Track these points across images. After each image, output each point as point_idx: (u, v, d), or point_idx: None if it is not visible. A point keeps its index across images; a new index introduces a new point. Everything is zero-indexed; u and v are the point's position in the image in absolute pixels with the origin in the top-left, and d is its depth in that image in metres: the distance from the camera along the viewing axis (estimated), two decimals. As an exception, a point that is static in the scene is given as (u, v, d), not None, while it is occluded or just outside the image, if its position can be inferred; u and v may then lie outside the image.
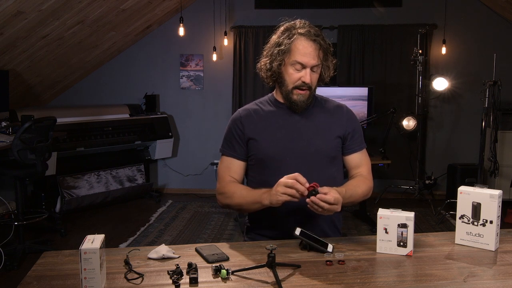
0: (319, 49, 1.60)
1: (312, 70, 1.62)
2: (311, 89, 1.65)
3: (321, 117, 1.72)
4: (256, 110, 1.75)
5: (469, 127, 5.30)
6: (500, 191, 1.48)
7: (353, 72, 5.36)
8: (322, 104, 1.76)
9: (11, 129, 3.98)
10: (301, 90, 1.63)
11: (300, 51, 1.59)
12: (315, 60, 1.60)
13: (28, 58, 4.21)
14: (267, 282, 1.25)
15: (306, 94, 1.64)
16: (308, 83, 1.61)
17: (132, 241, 4.01)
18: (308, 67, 1.60)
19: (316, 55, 1.59)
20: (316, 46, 1.59)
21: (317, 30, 1.63)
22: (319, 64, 1.62)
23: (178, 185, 5.77)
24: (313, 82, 1.64)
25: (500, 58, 4.47)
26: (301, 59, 1.59)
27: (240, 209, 1.69)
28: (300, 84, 1.62)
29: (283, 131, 1.68)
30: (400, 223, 1.45)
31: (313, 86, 1.65)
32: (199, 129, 5.71)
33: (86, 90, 5.67)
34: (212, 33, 5.45)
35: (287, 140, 1.67)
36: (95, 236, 1.23)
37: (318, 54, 1.60)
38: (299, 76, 1.62)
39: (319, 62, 1.61)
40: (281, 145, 1.67)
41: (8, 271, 3.30)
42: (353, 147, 1.75)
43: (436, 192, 5.36)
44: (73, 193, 4.66)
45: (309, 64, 1.60)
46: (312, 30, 1.61)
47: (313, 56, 1.59)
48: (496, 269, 1.34)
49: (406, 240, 1.43)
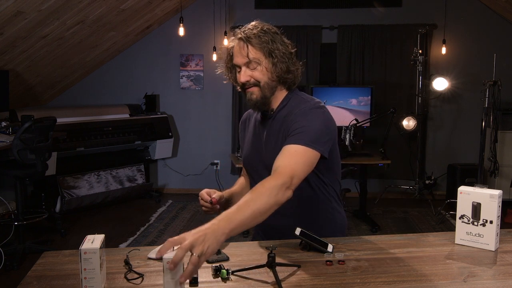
0: (248, 44, 1.56)
1: (248, 67, 1.58)
2: (259, 85, 1.59)
3: (277, 124, 1.62)
4: (251, 114, 1.78)
5: (469, 127, 5.31)
6: (500, 191, 1.48)
7: (353, 72, 5.36)
8: (288, 108, 1.62)
9: (11, 129, 3.98)
10: (248, 88, 1.60)
11: (234, 53, 1.60)
12: (244, 57, 1.57)
13: (28, 58, 4.21)
14: (267, 282, 1.25)
15: (255, 91, 1.59)
16: (244, 81, 1.58)
17: (132, 241, 4.01)
18: (242, 66, 1.58)
19: (244, 52, 1.56)
20: (242, 44, 1.57)
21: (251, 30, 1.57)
22: (251, 61, 1.56)
23: (178, 185, 5.77)
24: (256, 78, 1.58)
25: (500, 58, 4.47)
26: (235, 61, 1.60)
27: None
28: (241, 84, 1.61)
29: (253, 139, 1.70)
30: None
31: (261, 81, 1.58)
32: (199, 129, 5.71)
33: (86, 90, 5.67)
34: (212, 33, 5.45)
35: (255, 149, 1.69)
36: (95, 236, 1.23)
37: (246, 50, 1.56)
38: (239, 77, 1.61)
39: (247, 59, 1.56)
40: (251, 155, 1.70)
41: (8, 271, 3.30)
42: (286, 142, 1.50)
43: (436, 192, 5.36)
44: (73, 193, 4.66)
45: (240, 63, 1.58)
46: (245, 30, 1.58)
47: (241, 54, 1.57)
48: (496, 269, 1.34)
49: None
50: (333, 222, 1.69)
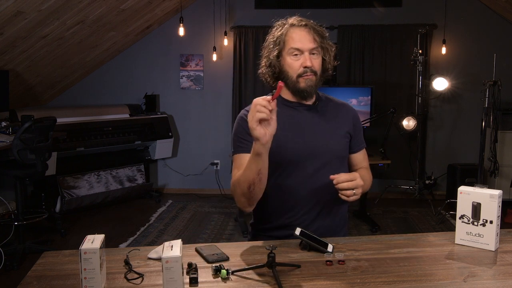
0: (313, 33, 1.58)
1: (311, 54, 1.58)
2: (317, 74, 1.60)
3: (330, 115, 1.69)
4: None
5: (469, 127, 5.30)
6: (500, 191, 1.48)
7: (353, 72, 5.36)
8: (326, 101, 1.73)
9: (11, 129, 3.98)
10: (307, 76, 1.58)
11: (294, 38, 1.57)
12: (312, 43, 1.57)
13: (28, 58, 4.21)
14: (267, 282, 1.25)
15: (313, 79, 1.59)
16: (310, 66, 1.57)
17: (132, 241, 4.01)
18: (306, 51, 1.57)
19: (311, 39, 1.57)
20: (309, 30, 1.58)
21: (308, 20, 1.62)
22: (317, 47, 1.58)
23: (178, 185, 5.77)
24: (316, 67, 1.59)
25: (500, 58, 4.47)
26: (297, 45, 1.57)
27: (251, 186, 1.46)
28: (302, 71, 1.58)
29: (294, 131, 1.63)
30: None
31: (317, 71, 1.60)
32: (199, 129, 5.71)
33: (86, 90, 5.67)
34: (212, 33, 5.45)
35: (300, 140, 1.62)
36: (95, 236, 1.23)
37: (313, 37, 1.57)
38: (299, 64, 1.57)
39: (316, 45, 1.57)
40: (294, 146, 1.61)
41: (8, 271, 3.30)
42: (358, 145, 1.76)
43: (436, 192, 5.36)
44: (73, 193, 4.66)
45: (306, 48, 1.57)
46: (303, 19, 1.61)
47: (308, 39, 1.57)
48: (496, 269, 1.34)
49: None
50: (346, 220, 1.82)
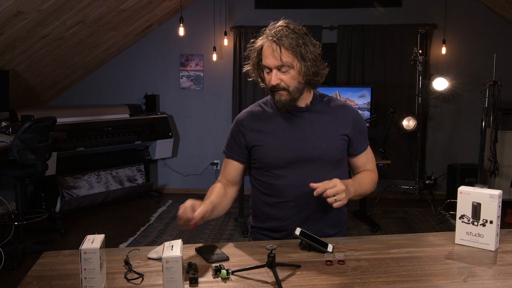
0: (283, 49, 1.55)
1: (280, 70, 1.58)
2: (288, 90, 1.60)
3: (325, 118, 1.69)
4: (259, 112, 1.72)
5: (469, 127, 5.31)
6: (500, 191, 1.48)
7: (353, 72, 5.36)
8: (326, 104, 1.72)
9: (11, 129, 3.98)
10: (277, 91, 1.61)
11: (264, 54, 1.59)
12: (278, 60, 1.55)
13: (28, 58, 4.21)
14: (267, 282, 1.25)
15: (284, 94, 1.60)
16: (274, 84, 1.58)
17: (132, 241, 4.01)
18: (273, 69, 1.58)
19: (277, 56, 1.55)
20: (276, 47, 1.55)
21: (282, 30, 1.56)
22: (283, 65, 1.56)
23: (178, 185, 5.77)
24: (286, 82, 1.58)
25: (500, 58, 4.47)
26: (266, 62, 1.58)
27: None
28: (271, 86, 1.60)
29: (286, 134, 1.65)
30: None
31: (289, 86, 1.59)
32: (199, 129, 5.71)
33: (86, 90, 5.67)
34: (212, 33, 5.45)
35: (291, 144, 1.64)
36: (95, 236, 1.23)
37: (280, 54, 1.55)
38: (269, 79, 1.60)
39: (280, 63, 1.56)
40: (285, 150, 1.64)
41: (8, 271, 3.30)
42: (359, 147, 1.73)
43: (436, 192, 5.36)
44: (73, 193, 4.66)
45: (272, 66, 1.57)
46: (277, 31, 1.57)
47: (275, 57, 1.56)
48: (496, 269, 1.34)
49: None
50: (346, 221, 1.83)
